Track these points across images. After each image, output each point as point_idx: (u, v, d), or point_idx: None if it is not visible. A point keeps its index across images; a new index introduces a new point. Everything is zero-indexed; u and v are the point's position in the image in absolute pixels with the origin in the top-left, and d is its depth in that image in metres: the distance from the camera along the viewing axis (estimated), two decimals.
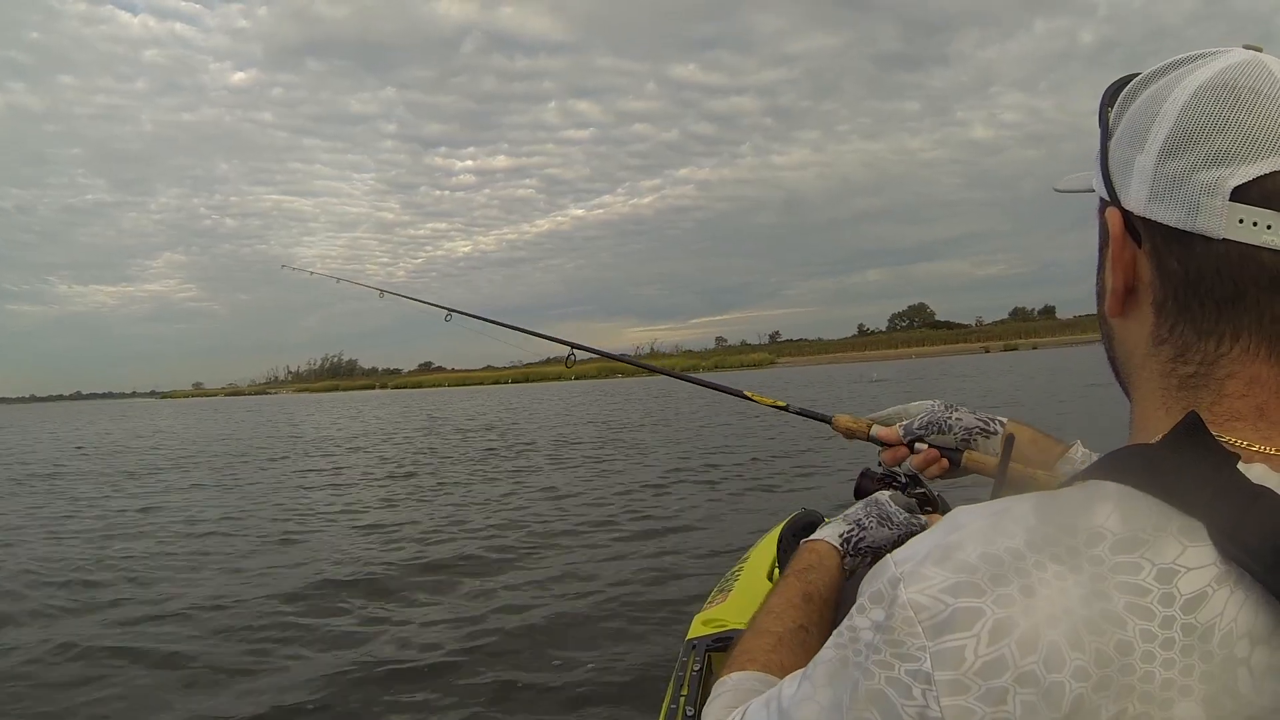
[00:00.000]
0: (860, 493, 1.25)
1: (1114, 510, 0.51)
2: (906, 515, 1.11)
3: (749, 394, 1.59)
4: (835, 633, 0.59)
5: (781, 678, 0.69)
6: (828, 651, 0.59)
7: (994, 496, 0.74)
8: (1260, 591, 0.47)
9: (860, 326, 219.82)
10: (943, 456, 1.20)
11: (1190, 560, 0.48)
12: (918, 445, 1.22)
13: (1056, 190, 0.77)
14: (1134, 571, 0.48)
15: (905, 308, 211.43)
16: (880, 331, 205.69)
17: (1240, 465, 0.52)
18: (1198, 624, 0.47)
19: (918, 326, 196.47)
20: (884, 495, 1.14)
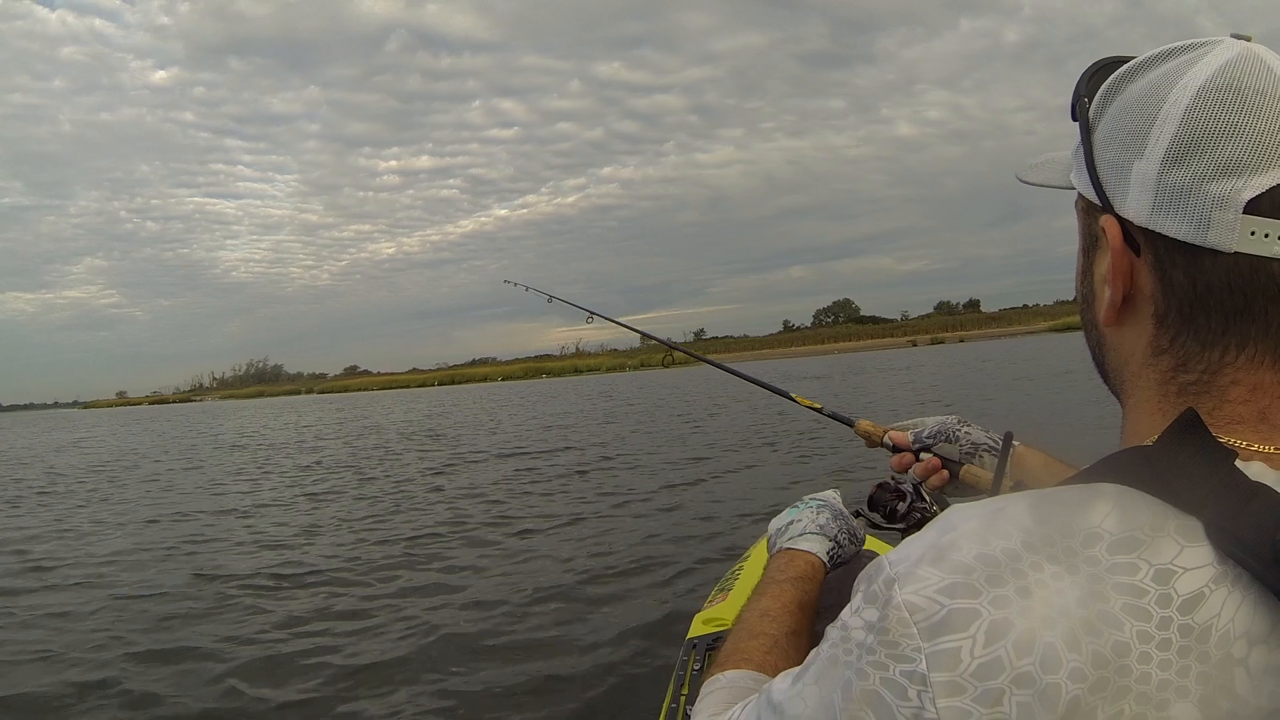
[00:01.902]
0: (873, 503, 1.39)
1: (1111, 510, 0.52)
2: (863, 529, 1.24)
3: (795, 396, 1.70)
4: (828, 631, 0.59)
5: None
6: (822, 650, 0.59)
7: (992, 491, 0.74)
8: (1258, 591, 0.48)
9: (785, 323, 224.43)
10: (944, 467, 1.23)
11: (1187, 560, 0.49)
12: (923, 454, 1.25)
13: (1021, 181, 0.75)
14: (1131, 572, 0.49)
15: (830, 303, 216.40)
16: (806, 327, 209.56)
17: (1238, 463, 0.52)
18: (1195, 624, 0.48)
19: (843, 322, 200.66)
20: (838, 502, 1.25)
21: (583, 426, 19.75)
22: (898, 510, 1.36)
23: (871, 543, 2.43)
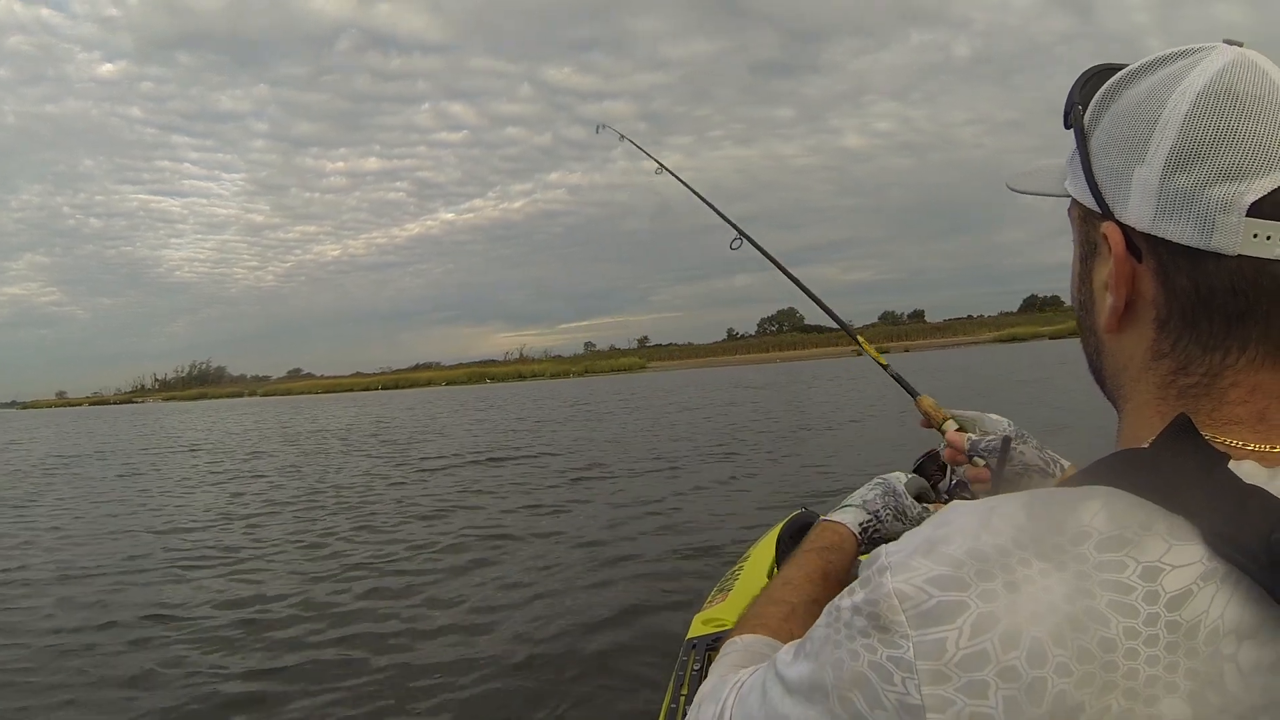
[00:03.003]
0: (920, 470, 1.37)
1: (1101, 509, 0.53)
2: (920, 509, 1.23)
3: (861, 340, 1.71)
4: (825, 610, 0.61)
5: None
6: (819, 628, 0.61)
7: (992, 492, 0.74)
8: (1247, 588, 0.49)
9: (730, 331, 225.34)
10: (991, 479, 1.23)
11: (1175, 558, 0.50)
12: (976, 459, 1.24)
13: (1011, 189, 0.76)
14: (1118, 569, 0.50)
15: (774, 312, 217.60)
16: (750, 335, 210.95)
17: (1231, 464, 0.53)
18: (1182, 621, 0.49)
19: (787, 330, 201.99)
20: (899, 483, 1.25)
21: (565, 431, 19.73)
22: (939, 485, 1.35)
23: None
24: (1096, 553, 0.50)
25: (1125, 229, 0.61)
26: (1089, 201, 0.64)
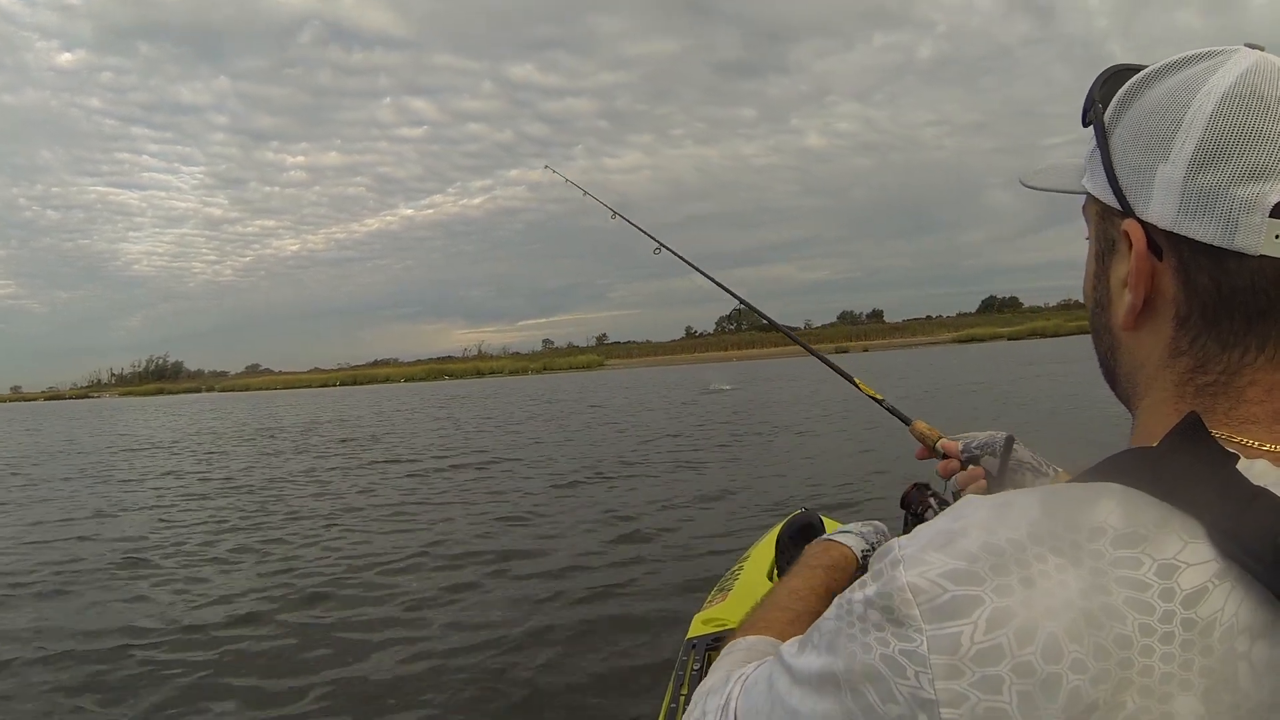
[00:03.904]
0: (905, 501, 1.37)
1: (1116, 506, 0.52)
2: None
3: (859, 383, 1.71)
4: (835, 603, 0.61)
5: None
6: (829, 620, 0.60)
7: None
8: (1261, 587, 0.49)
9: (688, 329, 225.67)
10: (985, 478, 1.23)
11: (1191, 556, 0.50)
12: (970, 465, 1.25)
13: (1026, 186, 0.76)
14: (1134, 566, 0.50)
15: (731, 310, 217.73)
16: (708, 334, 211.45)
17: (1241, 464, 0.53)
18: (1198, 619, 0.48)
19: (746, 329, 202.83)
20: (882, 529, 1.23)
21: (547, 431, 19.49)
22: (925, 516, 1.32)
23: None
24: (1112, 549, 0.50)
25: (1146, 227, 0.61)
26: (1109, 198, 0.64)
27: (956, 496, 1.27)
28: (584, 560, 6.32)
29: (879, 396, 1.62)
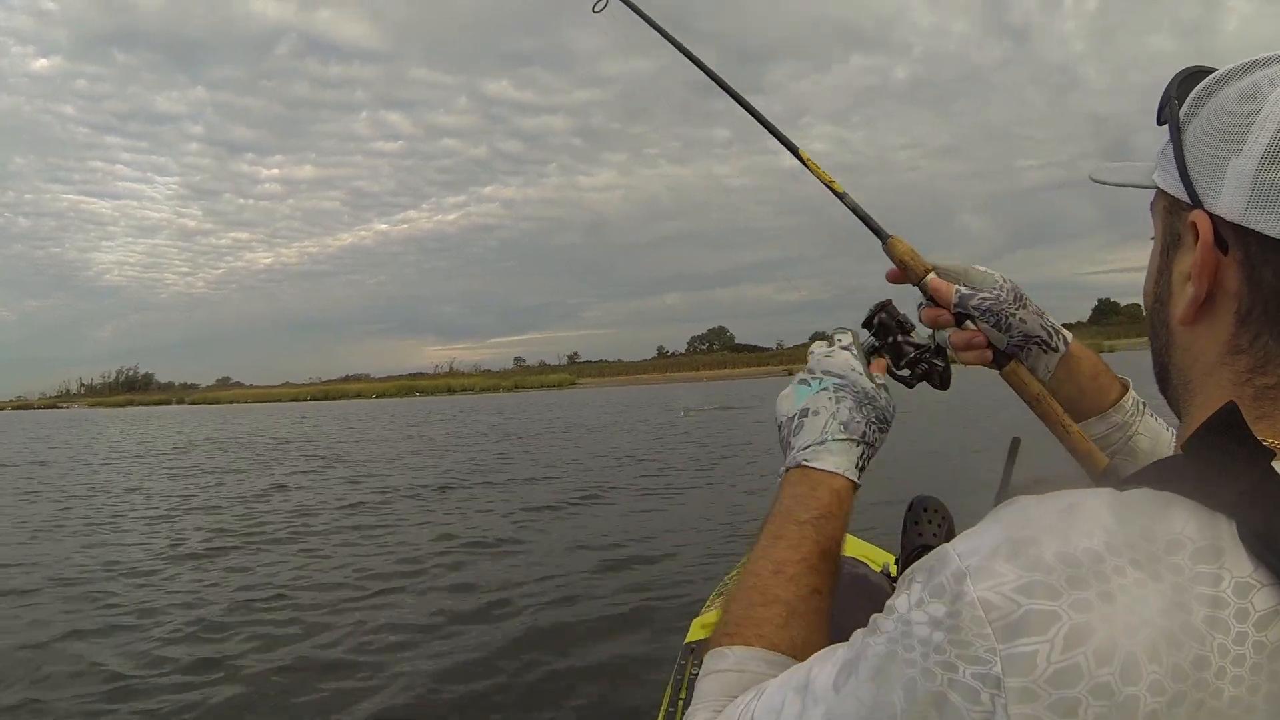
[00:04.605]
0: (870, 324, 1.07)
1: (1191, 517, 0.50)
2: (885, 393, 0.96)
3: (804, 155, 1.31)
4: (883, 624, 0.56)
5: (794, 657, 0.68)
6: (875, 644, 0.56)
7: (997, 501, 0.62)
8: None
9: (660, 349, 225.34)
10: (989, 347, 1.04)
11: (1264, 575, 0.48)
12: (966, 322, 1.05)
13: (1095, 180, 0.75)
14: (1214, 583, 0.48)
15: (705, 330, 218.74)
16: (680, 354, 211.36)
17: (1277, 462, 0.52)
18: (1267, 642, 0.47)
19: (717, 349, 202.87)
20: (862, 370, 0.97)
21: (546, 440, 19.87)
22: (903, 350, 1.06)
23: (853, 546, 2.37)
24: (1192, 564, 0.48)
25: (1214, 219, 0.60)
26: (1178, 191, 0.63)
27: (942, 347, 1.07)
28: (581, 564, 6.39)
29: (840, 189, 1.22)
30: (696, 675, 1.96)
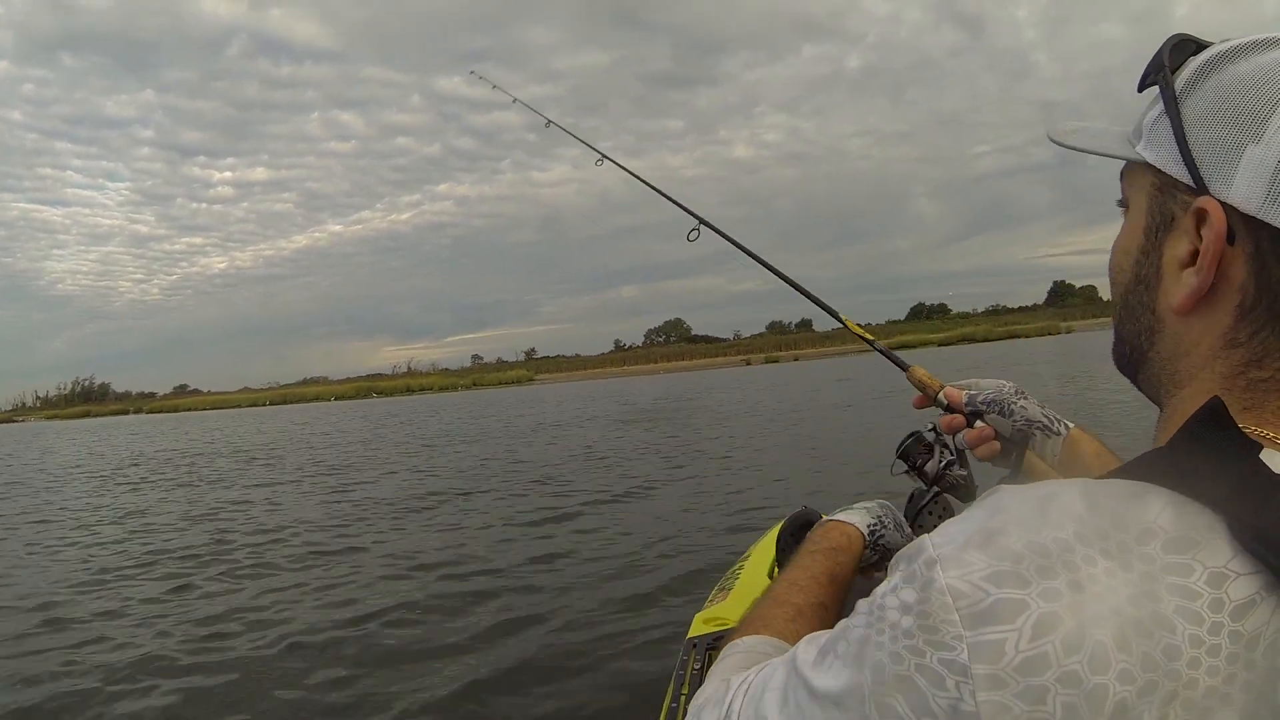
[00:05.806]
0: (904, 454, 1.30)
1: (1166, 507, 0.50)
2: (908, 531, 1.17)
3: (845, 320, 1.61)
4: (865, 609, 0.58)
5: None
6: (853, 626, 0.58)
7: None
8: None
9: (617, 342, 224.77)
10: (996, 438, 1.19)
11: (1241, 565, 0.48)
12: (977, 421, 1.21)
13: (1054, 141, 0.72)
14: (1185, 573, 0.48)
15: (661, 323, 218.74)
16: (637, 346, 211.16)
17: (1264, 454, 0.52)
18: (1244, 632, 0.47)
19: (674, 341, 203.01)
20: (888, 505, 1.19)
21: (540, 437, 19.69)
22: (926, 468, 1.29)
23: None
24: (1163, 554, 0.48)
25: (1224, 207, 0.57)
26: (1178, 172, 0.60)
27: (962, 451, 1.25)
28: (582, 561, 6.43)
29: (870, 337, 1.55)
30: (699, 670, 1.97)
